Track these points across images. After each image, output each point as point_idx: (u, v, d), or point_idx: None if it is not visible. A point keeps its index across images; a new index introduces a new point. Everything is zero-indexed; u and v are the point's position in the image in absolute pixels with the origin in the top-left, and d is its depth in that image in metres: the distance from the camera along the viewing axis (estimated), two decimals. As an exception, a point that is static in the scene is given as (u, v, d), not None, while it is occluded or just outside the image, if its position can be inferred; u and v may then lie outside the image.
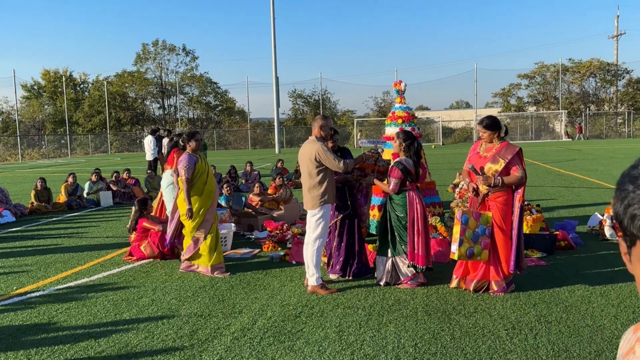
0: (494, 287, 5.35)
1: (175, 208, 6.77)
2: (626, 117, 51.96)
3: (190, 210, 6.42)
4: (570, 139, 46.93)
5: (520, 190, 5.30)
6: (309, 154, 5.60)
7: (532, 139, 50.42)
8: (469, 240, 5.25)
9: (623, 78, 55.74)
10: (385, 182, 5.83)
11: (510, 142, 5.50)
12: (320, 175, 5.60)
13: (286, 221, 9.13)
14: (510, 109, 56.92)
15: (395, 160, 5.74)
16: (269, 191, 11.04)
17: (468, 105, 74.29)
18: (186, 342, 4.45)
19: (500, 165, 5.25)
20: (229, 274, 6.46)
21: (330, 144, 6.10)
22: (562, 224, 7.62)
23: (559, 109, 52.43)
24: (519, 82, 57.54)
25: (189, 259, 6.63)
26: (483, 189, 5.34)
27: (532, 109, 56.40)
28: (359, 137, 44.02)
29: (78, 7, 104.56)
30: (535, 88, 57.42)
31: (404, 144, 5.68)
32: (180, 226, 6.75)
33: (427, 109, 70.97)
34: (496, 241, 5.32)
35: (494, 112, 57.68)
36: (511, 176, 5.24)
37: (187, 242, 6.63)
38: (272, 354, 4.16)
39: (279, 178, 11.25)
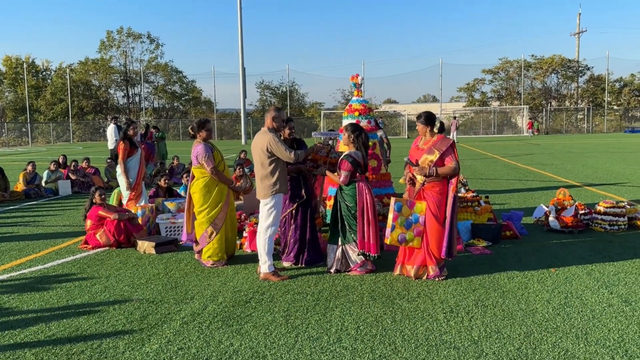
0: (430, 271, 5.69)
1: (190, 201, 6.62)
2: (586, 113, 53.42)
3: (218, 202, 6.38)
4: (531, 134, 47.94)
5: (453, 181, 5.64)
6: (261, 144, 5.75)
7: (495, 133, 51.45)
8: (401, 227, 5.67)
9: (584, 75, 57.29)
10: (336, 173, 6.01)
11: (446, 136, 5.83)
12: (272, 165, 5.75)
13: (245, 211, 9.22)
14: (474, 103, 57.90)
15: (345, 153, 5.94)
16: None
17: (435, 99, 75.26)
18: (136, 326, 4.56)
19: (435, 156, 5.61)
20: (225, 266, 6.42)
21: (286, 132, 6.26)
22: (509, 214, 7.93)
23: (521, 104, 53.58)
24: (483, 78, 58.61)
25: (200, 252, 6.51)
26: (420, 178, 5.70)
27: (495, 103, 57.51)
28: (317, 130, 44.01)
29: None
30: (499, 83, 58.57)
31: (352, 135, 5.89)
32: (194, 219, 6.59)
33: (395, 102, 71.64)
34: (430, 228, 5.66)
35: (459, 106, 58.68)
36: (445, 167, 5.60)
37: (200, 234, 6.49)
38: (219, 337, 4.30)
39: (240, 169, 11.33)
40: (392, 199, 5.73)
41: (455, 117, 42.07)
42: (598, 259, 6.41)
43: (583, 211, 7.99)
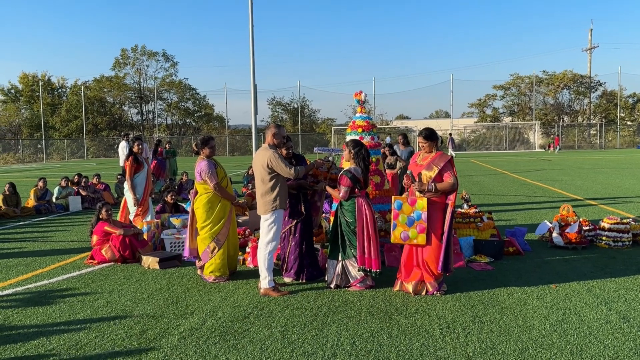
0: (429, 287, 5.69)
1: (193, 216, 6.71)
2: (598, 129, 53.08)
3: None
4: (543, 149, 47.64)
5: (451, 197, 5.65)
6: (262, 160, 5.84)
7: (507, 149, 51.25)
8: (403, 225, 5.71)
9: (596, 90, 57.02)
10: (336, 189, 6.08)
11: (444, 152, 5.89)
12: (272, 181, 5.83)
13: (250, 227, 9.31)
14: (486, 119, 57.80)
15: (345, 169, 6.01)
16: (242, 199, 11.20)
17: (447, 115, 75.41)
18: (134, 341, 4.62)
19: (434, 172, 5.65)
20: (227, 282, 6.49)
21: (284, 151, 6.34)
22: (513, 230, 7.92)
23: (533, 120, 53.40)
24: (494, 93, 58.55)
25: (202, 267, 6.57)
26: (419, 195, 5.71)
27: (507, 119, 57.35)
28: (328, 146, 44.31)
29: (58, 11, 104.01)
30: (511, 99, 58.46)
31: (352, 151, 5.96)
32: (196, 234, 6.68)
33: (407, 117, 71.77)
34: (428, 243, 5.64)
35: (470, 122, 58.60)
36: (444, 182, 5.64)
37: (202, 249, 6.58)
38: (215, 352, 4.35)
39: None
40: (393, 197, 5.79)
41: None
42: (599, 275, 6.38)
43: (587, 227, 7.97)
